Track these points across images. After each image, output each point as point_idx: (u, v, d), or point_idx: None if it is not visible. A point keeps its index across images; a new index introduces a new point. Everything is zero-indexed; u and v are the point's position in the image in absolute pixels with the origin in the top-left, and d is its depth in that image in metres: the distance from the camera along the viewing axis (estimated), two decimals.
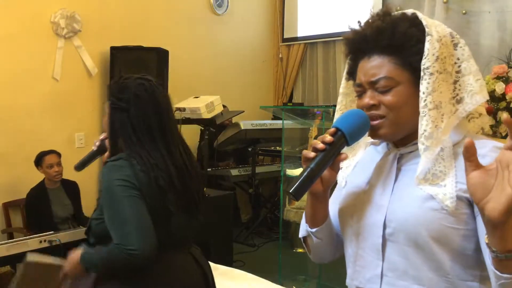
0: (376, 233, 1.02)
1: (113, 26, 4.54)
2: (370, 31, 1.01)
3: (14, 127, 3.93)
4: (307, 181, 0.96)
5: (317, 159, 0.97)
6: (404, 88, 0.99)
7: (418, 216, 0.96)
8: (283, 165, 3.81)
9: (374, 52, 1.01)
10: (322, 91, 6.05)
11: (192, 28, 5.33)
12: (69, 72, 4.28)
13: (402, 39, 0.98)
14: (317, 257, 1.21)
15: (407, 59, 0.98)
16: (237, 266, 3.69)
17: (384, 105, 1.00)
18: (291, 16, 6.21)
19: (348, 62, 1.10)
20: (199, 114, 4.10)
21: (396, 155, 1.06)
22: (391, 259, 1.01)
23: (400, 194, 1.01)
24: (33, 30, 4.04)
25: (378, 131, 1.02)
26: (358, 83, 1.04)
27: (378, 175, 1.07)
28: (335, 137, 0.98)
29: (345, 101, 1.16)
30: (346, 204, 1.11)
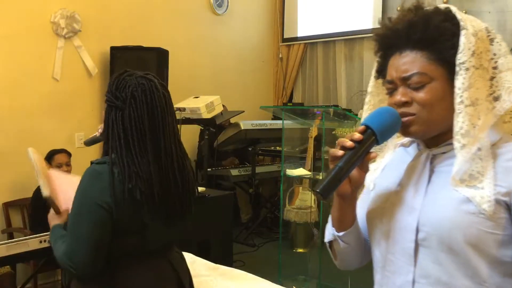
0: (408, 237, 0.97)
1: (113, 26, 4.54)
2: (401, 25, 0.97)
3: (14, 127, 3.92)
4: (335, 180, 0.92)
5: (346, 157, 0.93)
6: (438, 84, 0.95)
7: (454, 219, 0.91)
8: (283, 165, 3.81)
9: (406, 47, 0.97)
10: (322, 91, 6.05)
11: (192, 28, 5.33)
12: (69, 72, 4.28)
13: (435, 32, 0.94)
14: (343, 263, 1.15)
15: (441, 54, 0.94)
16: (237, 266, 3.68)
17: (417, 102, 0.95)
18: (291, 16, 6.21)
19: (377, 60, 1.06)
20: (199, 114, 4.10)
21: (428, 155, 1.01)
22: (423, 265, 0.95)
23: (434, 196, 0.97)
24: (33, 30, 4.04)
25: (409, 128, 0.97)
26: (389, 79, 1.00)
27: (409, 177, 1.02)
28: (364, 135, 0.94)
29: (373, 100, 1.11)
30: (375, 207, 1.06)
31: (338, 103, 5.74)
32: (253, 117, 5.24)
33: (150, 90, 1.54)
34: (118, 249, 1.52)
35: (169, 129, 1.55)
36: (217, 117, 4.24)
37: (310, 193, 4.12)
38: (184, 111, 4.14)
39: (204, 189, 3.45)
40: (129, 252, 1.53)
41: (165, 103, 1.56)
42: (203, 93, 4.54)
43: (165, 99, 1.57)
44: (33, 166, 1.72)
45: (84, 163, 3.73)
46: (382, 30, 1.02)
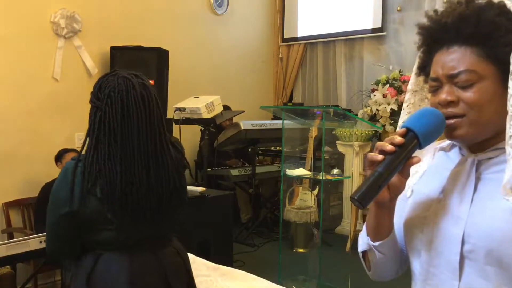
0: (453, 249, 0.90)
1: (113, 26, 4.54)
2: (451, 18, 0.90)
3: (14, 127, 3.92)
4: (375, 187, 0.85)
5: (386, 162, 0.86)
6: (488, 84, 0.87)
7: (504, 231, 0.84)
8: (283, 165, 3.81)
9: (454, 43, 0.90)
10: (322, 91, 6.06)
11: (192, 28, 5.33)
12: (69, 72, 4.28)
13: (489, 28, 0.86)
14: (377, 274, 1.07)
15: (494, 51, 0.87)
16: (237, 266, 3.68)
17: (464, 102, 0.88)
18: (291, 16, 6.21)
19: (419, 56, 0.99)
20: (199, 114, 4.10)
21: (474, 161, 0.93)
22: (469, 279, 0.89)
23: (481, 206, 0.89)
24: (33, 30, 4.04)
25: (456, 131, 0.90)
26: (434, 76, 0.92)
27: (453, 184, 0.94)
28: (406, 138, 0.87)
29: (414, 99, 1.04)
30: (415, 215, 0.99)
31: (338, 103, 5.74)
32: (253, 117, 5.24)
33: (126, 90, 1.55)
34: (94, 241, 1.58)
35: (146, 128, 1.56)
36: (217, 117, 4.24)
37: (310, 193, 4.12)
38: (184, 111, 4.14)
39: (204, 189, 3.45)
40: (106, 244, 1.58)
41: (142, 103, 1.56)
42: (203, 93, 4.54)
43: (144, 99, 1.57)
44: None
45: None
46: (428, 23, 0.95)
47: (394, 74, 4.82)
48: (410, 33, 5.14)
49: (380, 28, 5.36)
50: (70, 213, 1.53)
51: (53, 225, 1.60)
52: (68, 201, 1.53)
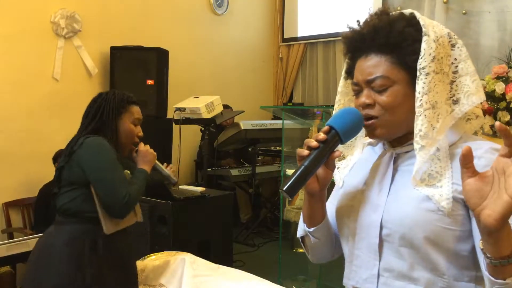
0: (373, 233, 1.02)
1: (113, 26, 4.54)
2: (367, 29, 1.01)
3: (14, 127, 3.92)
4: (301, 179, 0.96)
5: (311, 157, 0.97)
6: (400, 88, 0.99)
7: (414, 217, 0.96)
8: (283, 165, 3.81)
9: (371, 51, 1.00)
10: (322, 91, 6.06)
11: (192, 28, 5.34)
12: (69, 72, 4.28)
13: (398, 38, 0.97)
14: (315, 257, 1.21)
15: (403, 59, 0.98)
16: (237, 266, 3.68)
17: (379, 105, 0.99)
18: (291, 16, 6.21)
19: (346, 61, 1.10)
20: (199, 114, 4.10)
21: (392, 155, 1.06)
22: (387, 259, 1.01)
23: (396, 194, 1.01)
24: (33, 30, 4.04)
25: (375, 131, 1.01)
26: (355, 81, 1.04)
27: (374, 176, 1.07)
28: (328, 135, 0.98)
29: (343, 100, 1.15)
30: (343, 204, 1.11)
31: None
32: (253, 117, 5.24)
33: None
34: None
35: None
36: (217, 117, 4.24)
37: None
38: (184, 111, 4.14)
39: (204, 189, 3.45)
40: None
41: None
42: (203, 93, 4.54)
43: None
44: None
45: None
46: (349, 33, 1.05)
47: None
48: None
49: None
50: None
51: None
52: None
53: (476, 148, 0.94)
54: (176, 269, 2.29)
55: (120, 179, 1.83)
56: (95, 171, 1.80)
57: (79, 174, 1.81)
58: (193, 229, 3.21)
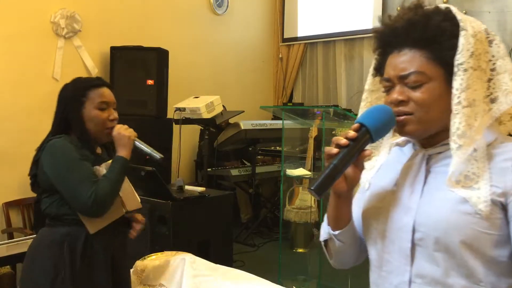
0: (405, 237, 0.97)
1: (113, 26, 4.54)
2: (401, 23, 0.97)
3: (14, 127, 3.92)
4: (330, 178, 0.92)
5: (340, 155, 0.93)
6: (436, 84, 0.94)
7: (450, 220, 0.91)
8: (283, 165, 3.81)
9: (405, 46, 0.97)
10: (322, 91, 6.06)
11: (192, 28, 5.34)
12: (69, 72, 4.27)
13: (435, 32, 0.94)
14: (338, 262, 1.14)
15: (440, 54, 0.94)
16: (237, 266, 3.68)
17: (414, 101, 0.95)
18: (291, 16, 6.21)
19: (375, 57, 1.06)
20: (199, 114, 4.10)
21: (424, 155, 1.01)
22: (420, 264, 0.96)
23: (430, 196, 0.97)
24: (33, 30, 4.04)
25: (405, 127, 0.97)
26: (386, 77, 1.00)
27: (405, 177, 1.02)
28: (359, 133, 0.94)
29: (370, 98, 1.11)
30: (371, 206, 1.06)
31: (338, 103, 5.74)
32: (253, 117, 5.24)
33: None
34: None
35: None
36: (217, 117, 4.24)
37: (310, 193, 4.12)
38: (184, 111, 4.14)
39: (204, 189, 3.45)
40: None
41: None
42: (203, 93, 4.54)
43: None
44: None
45: None
46: (381, 28, 1.02)
47: None
48: None
49: None
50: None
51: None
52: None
53: (510, 150, 0.93)
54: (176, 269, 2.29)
55: (81, 179, 1.70)
56: (55, 176, 1.73)
57: (47, 180, 1.76)
58: (193, 229, 3.21)
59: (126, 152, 1.81)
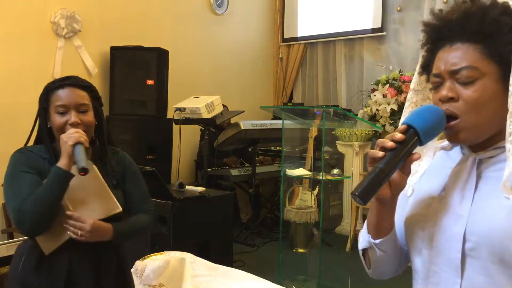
0: (455, 247, 0.90)
1: (113, 26, 4.54)
2: (456, 15, 0.91)
3: (14, 127, 3.92)
4: (376, 183, 0.85)
5: (386, 158, 0.86)
6: (489, 82, 0.88)
7: (505, 229, 0.84)
8: (283, 165, 3.81)
9: (458, 40, 0.90)
10: (322, 91, 6.06)
11: (192, 28, 5.33)
12: (69, 72, 4.21)
13: (493, 26, 0.87)
14: (377, 272, 1.07)
15: (497, 49, 0.87)
16: (237, 266, 3.68)
17: (464, 99, 0.88)
18: (291, 16, 6.21)
19: (423, 54, 0.99)
20: (199, 114, 4.10)
21: (475, 160, 0.94)
22: (471, 277, 0.89)
23: (482, 204, 0.90)
24: (33, 30, 4.04)
25: (458, 135, 0.90)
26: (436, 72, 0.93)
27: (454, 182, 0.95)
28: (406, 135, 0.88)
29: (416, 98, 1.04)
30: (416, 213, 0.99)
31: (338, 103, 5.74)
32: (253, 117, 5.24)
33: None
34: None
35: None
36: (217, 117, 4.24)
37: (310, 193, 4.12)
38: (184, 111, 4.14)
39: (204, 189, 3.45)
40: None
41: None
42: (203, 93, 4.54)
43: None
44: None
45: None
46: (433, 21, 0.95)
47: (394, 74, 4.82)
48: (410, 33, 5.14)
49: (380, 28, 5.36)
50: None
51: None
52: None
53: None
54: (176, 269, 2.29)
55: (13, 193, 1.54)
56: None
57: None
58: (193, 229, 3.21)
59: (64, 161, 1.52)
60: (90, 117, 1.66)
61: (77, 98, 1.66)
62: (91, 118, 1.67)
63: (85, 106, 1.66)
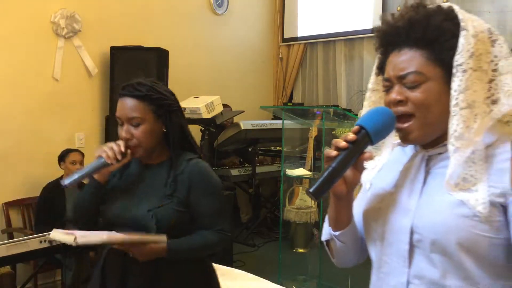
0: (403, 239, 0.97)
1: (113, 26, 4.54)
2: (402, 22, 0.96)
3: (14, 127, 3.92)
4: (328, 181, 0.92)
5: (339, 158, 0.92)
6: (434, 85, 0.94)
7: (448, 222, 0.91)
8: (283, 165, 3.81)
9: (405, 45, 0.96)
10: (322, 91, 6.05)
11: (192, 28, 5.33)
12: (69, 72, 4.28)
13: (435, 32, 0.93)
14: (340, 261, 1.15)
15: (440, 54, 0.93)
16: (237, 266, 3.69)
17: (411, 102, 0.94)
18: (291, 16, 6.21)
19: (378, 56, 1.05)
20: (199, 114, 4.10)
21: (424, 156, 1.01)
22: (418, 266, 0.96)
23: (428, 198, 0.96)
24: (33, 30, 4.04)
25: (409, 135, 0.97)
26: (386, 77, 0.99)
27: (405, 178, 1.02)
28: (358, 135, 0.94)
29: (374, 97, 1.10)
30: (371, 207, 1.06)
31: (338, 103, 5.74)
32: (253, 117, 5.24)
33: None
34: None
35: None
36: (217, 117, 4.24)
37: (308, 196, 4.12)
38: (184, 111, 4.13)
39: None
40: None
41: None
42: (203, 93, 4.54)
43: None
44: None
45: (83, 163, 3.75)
46: (383, 27, 1.01)
47: None
48: None
49: None
50: None
51: (224, 206, 1.71)
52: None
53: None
54: None
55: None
56: None
57: None
58: None
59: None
60: (141, 130, 1.59)
61: (127, 111, 1.59)
62: (144, 131, 1.59)
63: (137, 119, 1.58)
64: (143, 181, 1.67)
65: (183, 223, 1.62)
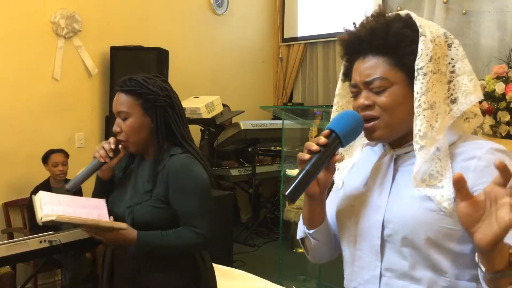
0: (375, 234, 1.03)
1: (113, 26, 4.54)
2: (364, 31, 1.02)
3: (14, 127, 3.92)
4: (302, 183, 0.96)
5: (312, 161, 0.97)
6: (399, 89, 1.00)
7: (416, 217, 0.96)
8: (283, 165, 3.81)
9: (368, 53, 1.01)
10: (322, 91, 6.05)
11: (192, 28, 5.34)
12: (69, 72, 4.28)
13: (395, 39, 0.99)
14: (315, 257, 1.21)
15: (401, 60, 0.99)
16: (237, 266, 3.69)
17: (378, 105, 1.00)
18: (291, 16, 6.21)
19: (343, 63, 1.11)
20: (199, 114, 4.10)
21: (392, 155, 1.07)
22: (389, 259, 1.01)
23: (398, 195, 1.02)
24: (33, 30, 4.04)
25: (374, 133, 1.02)
26: (353, 83, 1.05)
27: (375, 176, 1.08)
28: (329, 139, 0.99)
29: (341, 102, 1.16)
30: (344, 206, 1.12)
31: None
32: (253, 117, 5.25)
33: (172, 90, 1.77)
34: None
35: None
36: (217, 117, 4.24)
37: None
38: None
39: None
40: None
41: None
42: (203, 93, 4.54)
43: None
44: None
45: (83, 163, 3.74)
46: (346, 36, 1.06)
47: None
48: None
49: None
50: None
51: (213, 208, 1.67)
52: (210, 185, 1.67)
53: (476, 148, 0.97)
54: None
55: None
56: None
57: None
58: None
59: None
60: (128, 124, 1.63)
61: (117, 105, 1.65)
62: (131, 125, 1.63)
63: (124, 113, 1.63)
64: (136, 176, 1.71)
65: (162, 220, 1.62)
